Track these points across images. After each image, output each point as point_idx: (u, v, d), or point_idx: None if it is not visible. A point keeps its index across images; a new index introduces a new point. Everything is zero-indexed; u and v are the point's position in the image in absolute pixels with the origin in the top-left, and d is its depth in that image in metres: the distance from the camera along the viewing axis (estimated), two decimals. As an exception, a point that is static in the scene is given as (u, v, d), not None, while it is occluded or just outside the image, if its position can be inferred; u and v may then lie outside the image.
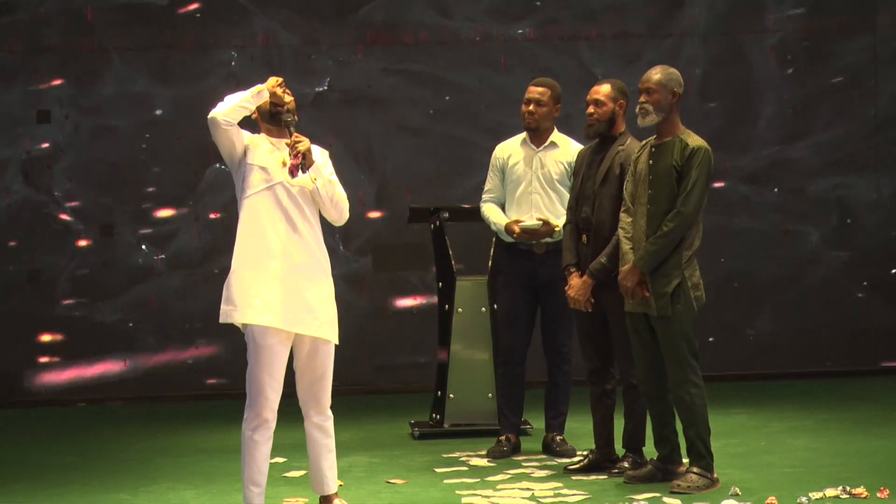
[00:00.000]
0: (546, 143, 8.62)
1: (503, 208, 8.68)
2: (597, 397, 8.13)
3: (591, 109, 8.02)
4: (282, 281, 6.82)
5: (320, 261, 6.94)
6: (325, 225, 7.05)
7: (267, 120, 6.96)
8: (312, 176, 6.90)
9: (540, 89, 8.59)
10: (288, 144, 6.92)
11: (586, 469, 8.06)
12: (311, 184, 6.89)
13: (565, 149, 8.63)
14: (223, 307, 6.82)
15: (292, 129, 6.95)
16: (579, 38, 11.37)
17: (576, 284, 7.95)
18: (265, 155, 6.88)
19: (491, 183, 8.75)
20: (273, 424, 6.84)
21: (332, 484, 7.07)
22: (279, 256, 6.83)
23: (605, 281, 7.84)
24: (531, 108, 8.58)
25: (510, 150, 8.71)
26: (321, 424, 7.00)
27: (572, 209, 8.09)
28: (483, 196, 8.76)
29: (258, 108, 6.94)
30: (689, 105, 11.12)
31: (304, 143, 6.91)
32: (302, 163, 6.84)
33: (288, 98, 6.95)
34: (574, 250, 8.05)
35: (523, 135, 8.70)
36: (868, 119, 11.57)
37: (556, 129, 8.67)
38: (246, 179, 6.85)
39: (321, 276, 6.94)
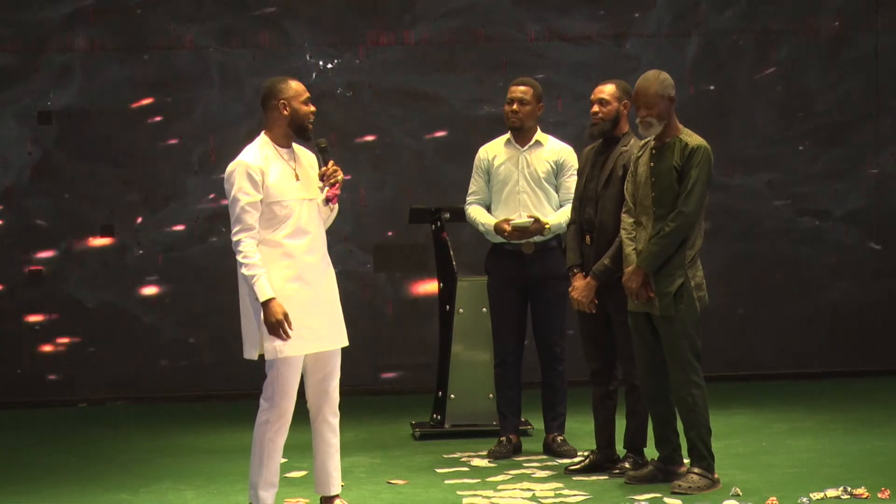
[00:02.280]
0: (531, 142, 8.64)
1: (489, 210, 8.69)
2: (599, 398, 8.12)
3: (595, 109, 8.01)
4: (315, 303, 6.83)
5: (331, 268, 6.97)
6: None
7: (294, 130, 6.84)
8: (331, 206, 6.96)
9: (522, 88, 8.60)
10: (326, 173, 6.88)
11: (587, 469, 8.06)
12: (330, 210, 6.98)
13: (550, 147, 8.64)
14: (270, 343, 6.68)
15: (328, 156, 6.92)
16: (579, 38, 11.36)
17: (579, 286, 7.94)
18: (277, 180, 6.77)
19: (476, 185, 8.75)
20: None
21: (337, 485, 7.07)
22: (308, 279, 6.82)
23: (608, 283, 7.84)
24: (515, 107, 8.59)
25: (495, 150, 8.72)
26: (332, 422, 6.98)
27: (576, 210, 8.09)
28: (468, 198, 8.77)
29: (287, 114, 6.79)
30: (689, 105, 11.12)
31: (340, 173, 6.90)
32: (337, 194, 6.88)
33: (312, 108, 6.90)
34: (578, 251, 8.04)
35: (507, 135, 8.71)
36: (869, 118, 11.55)
37: (539, 128, 8.68)
38: (265, 216, 6.74)
39: (334, 283, 6.97)
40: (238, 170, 6.74)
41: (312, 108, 6.87)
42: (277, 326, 6.63)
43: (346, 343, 6.98)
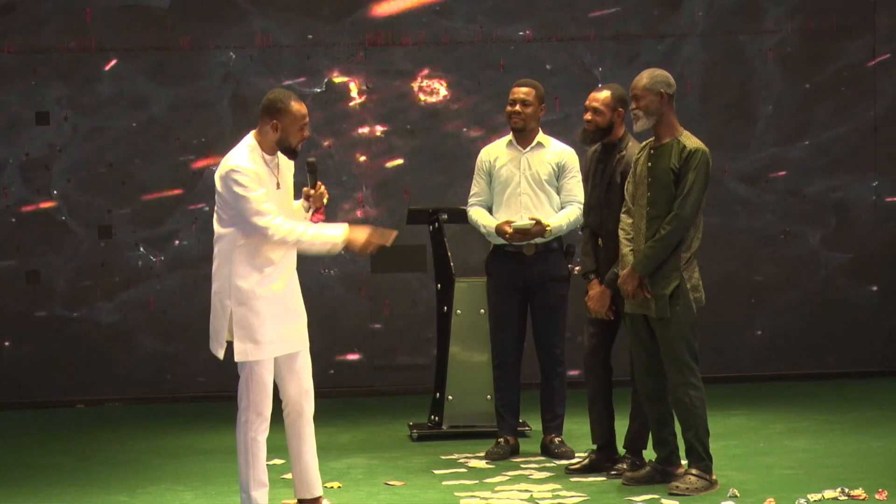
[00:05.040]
0: (532, 144, 8.65)
1: (490, 211, 8.70)
2: (595, 390, 8.13)
3: (588, 116, 8.02)
4: (288, 303, 6.92)
5: (296, 273, 7.03)
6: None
7: (282, 149, 6.84)
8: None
9: (525, 90, 8.61)
10: (314, 195, 6.95)
11: (587, 469, 8.06)
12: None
13: (551, 149, 8.65)
14: (241, 345, 6.74)
15: (315, 177, 6.96)
16: (578, 38, 11.36)
17: (595, 295, 7.96)
18: (268, 187, 6.80)
19: (478, 186, 8.76)
20: None
21: (321, 484, 7.14)
22: (281, 279, 6.87)
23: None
24: (517, 108, 8.60)
25: (496, 152, 8.73)
26: (311, 420, 7.05)
27: (586, 215, 8.13)
28: (470, 200, 8.77)
29: (277, 135, 6.78)
30: (687, 105, 11.12)
31: (326, 196, 6.99)
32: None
33: (306, 134, 6.92)
34: (592, 255, 8.05)
35: (508, 137, 8.72)
36: (867, 120, 11.56)
37: (540, 130, 8.69)
38: None
39: (299, 287, 7.05)
40: (240, 172, 6.70)
41: (305, 134, 6.87)
42: (370, 242, 6.77)
43: (308, 345, 7.04)
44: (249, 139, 6.85)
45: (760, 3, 11.47)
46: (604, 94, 8.03)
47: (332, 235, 6.75)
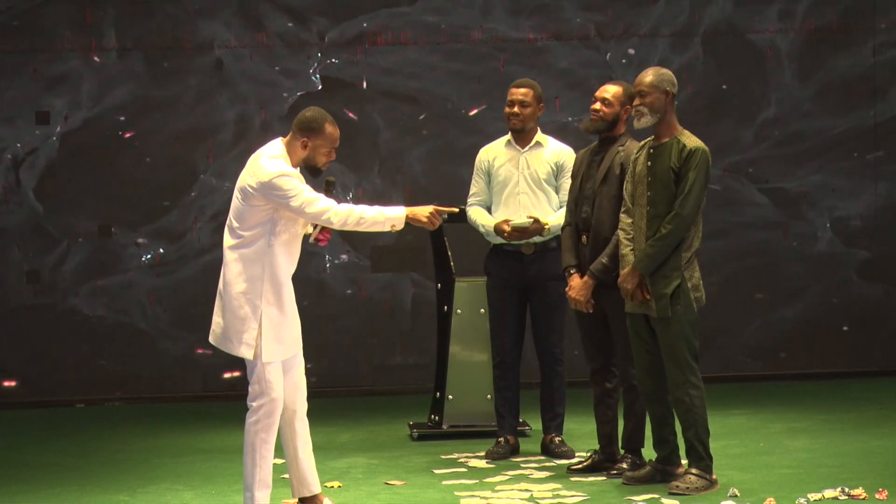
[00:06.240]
0: (531, 144, 8.65)
1: (489, 211, 8.70)
2: (598, 397, 8.13)
3: (597, 106, 8.02)
4: (293, 304, 7.00)
5: None
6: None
7: (307, 169, 6.95)
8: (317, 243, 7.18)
9: (523, 90, 8.62)
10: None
11: (589, 469, 8.06)
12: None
13: (550, 148, 8.66)
14: (269, 345, 6.80)
15: (332, 195, 7.02)
16: (579, 38, 11.36)
17: (576, 285, 7.95)
18: None
19: (476, 186, 8.77)
20: None
21: (318, 481, 7.16)
22: (290, 279, 6.97)
23: (606, 281, 7.85)
24: (515, 109, 8.61)
25: (495, 152, 8.74)
26: (305, 418, 7.09)
27: (572, 211, 8.10)
28: (469, 200, 8.78)
29: (305, 154, 6.87)
30: (687, 105, 11.11)
31: None
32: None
33: (333, 157, 7.02)
34: (574, 251, 8.05)
35: (507, 136, 8.73)
36: (867, 119, 11.56)
37: (539, 129, 8.69)
38: (284, 221, 6.85)
39: None
40: (285, 175, 6.77)
41: (332, 157, 6.98)
42: (434, 215, 6.95)
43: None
44: (278, 149, 6.90)
45: (761, 2, 11.47)
46: (616, 88, 8.05)
47: (395, 212, 6.93)
